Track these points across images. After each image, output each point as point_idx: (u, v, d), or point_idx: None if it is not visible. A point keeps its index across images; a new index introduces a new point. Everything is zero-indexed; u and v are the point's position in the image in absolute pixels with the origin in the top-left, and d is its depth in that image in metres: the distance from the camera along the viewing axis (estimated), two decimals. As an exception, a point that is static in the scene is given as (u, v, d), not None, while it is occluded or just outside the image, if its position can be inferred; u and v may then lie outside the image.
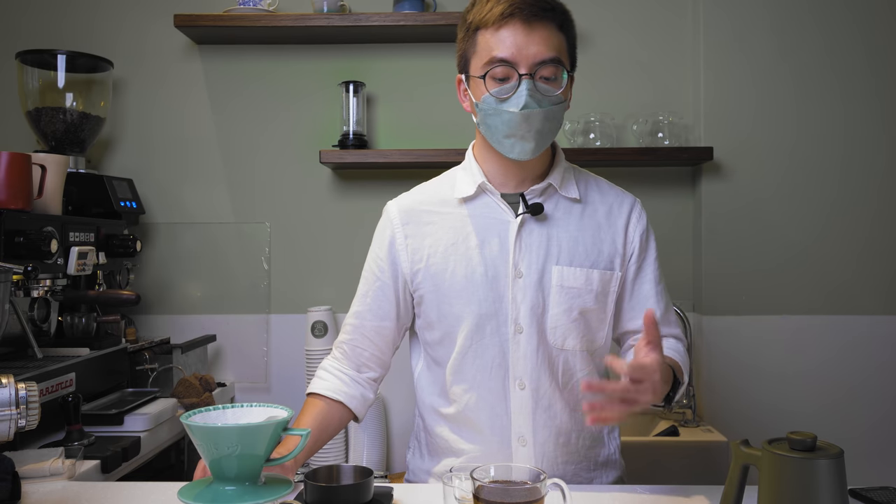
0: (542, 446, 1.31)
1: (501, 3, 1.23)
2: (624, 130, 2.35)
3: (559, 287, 1.30)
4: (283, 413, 1.04)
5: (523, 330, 1.30)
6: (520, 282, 1.30)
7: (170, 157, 2.42)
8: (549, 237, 1.32)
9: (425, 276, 1.34)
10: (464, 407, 1.33)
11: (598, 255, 1.33)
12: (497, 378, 1.31)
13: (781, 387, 2.29)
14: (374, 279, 1.39)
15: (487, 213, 1.34)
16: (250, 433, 0.97)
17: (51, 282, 1.72)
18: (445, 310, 1.33)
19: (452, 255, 1.33)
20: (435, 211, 1.37)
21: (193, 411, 1.02)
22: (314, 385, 1.37)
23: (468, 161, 1.39)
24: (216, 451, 0.96)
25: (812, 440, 0.90)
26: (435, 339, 1.37)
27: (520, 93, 1.22)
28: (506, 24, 1.23)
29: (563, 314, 1.30)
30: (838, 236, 2.30)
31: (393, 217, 1.39)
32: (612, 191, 1.41)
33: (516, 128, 1.24)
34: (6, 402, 1.11)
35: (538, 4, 1.23)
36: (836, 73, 2.29)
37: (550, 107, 1.24)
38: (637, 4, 2.38)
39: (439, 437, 1.38)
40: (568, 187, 1.35)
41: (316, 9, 2.28)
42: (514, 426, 1.31)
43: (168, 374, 2.09)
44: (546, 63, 1.23)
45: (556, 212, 1.34)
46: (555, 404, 1.32)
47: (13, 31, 2.40)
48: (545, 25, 1.24)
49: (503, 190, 1.34)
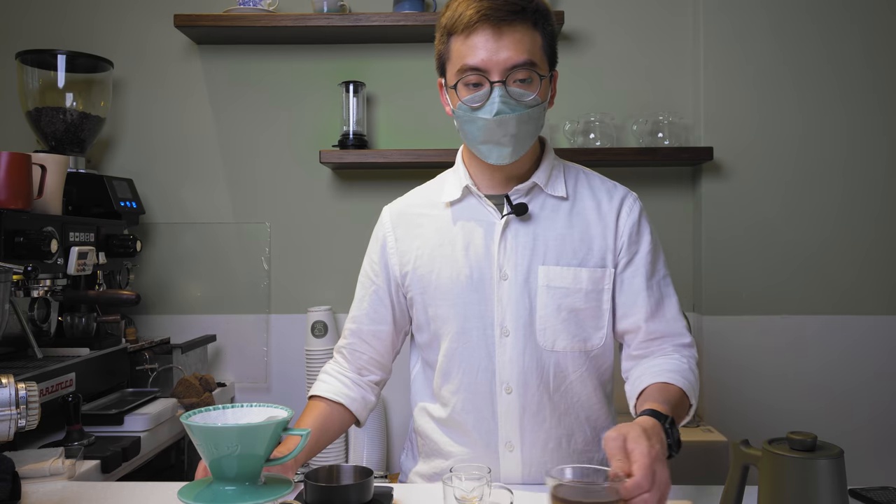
0: (529, 451, 1.30)
1: (471, 8, 1.20)
2: (624, 130, 2.35)
3: (546, 287, 1.28)
4: (283, 413, 1.04)
5: (510, 333, 1.28)
6: (505, 284, 1.29)
7: (170, 157, 2.42)
8: (535, 237, 1.30)
9: (413, 279, 1.35)
10: (452, 409, 1.33)
11: (588, 252, 1.30)
12: (484, 381, 1.30)
13: (781, 387, 2.29)
14: (370, 283, 1.40)
15: (473, 215, 1.33)
16: (250, 433, 0.97)
17: (51, 282, 1.72)
18: (432, 312, 1.33)
19: (438, 257, 1.32)
20: (424, 214, 1.37)
21: (193, 411, 1.02)
22: (316, 388, 1.37)
23: (457, 164, 1.38)
24: (216, 451, 0.96)
25: (812, 440, 0.90)
26: (425, 340, 1.37)
27: (492, 100, 1.20)
28: (475, 31, 1.20)
29: (552, 315, 1.28)
30: (838, 236, 2.30)
31: (385, 221, 1.40)
32: (603, 185, 1.37)
33: (491, 134, 1.23)
34: (6, 402, 1.11)
35: (507, 7, 1.20)
36: (836, 72, 2.29)
37: (525, 110, 1.22)
38: (637, 5, 2.38)
39: (429, 438, 1.38)
40: (554, 185, 1.33)
41: (316, 9, 2.28)
42: (501, 431, 1.30)
43: (168, 374, 2.09)
44: (518, 67, 1.20)
45: (542, 211, 1.32)
46: (544, 409, 1.30)
47: (13, 31, 2.40)
48: (516, 28, 1.21)
49: (490, 191, 1.33)
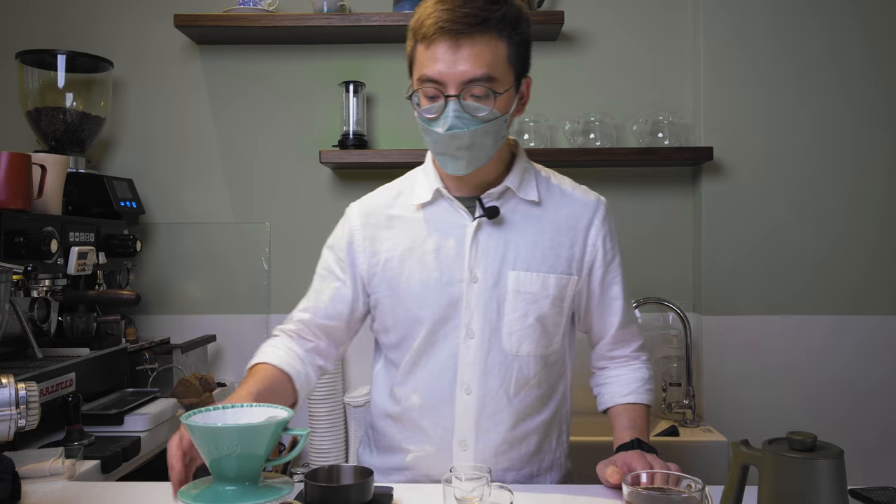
0: (482, 452, 1.31)
1: (431, 17, 1.18)
2: (624, 130, 2.35)
3: (515, 292, 1.29)
4: (283, 413, 1.04)
5: (475, 335, 1.29)
6: (475, 287, 1.29)
7: (170, 157, 2.42)
8: (506, 241, 1.30)
9: (382, 280, 1.34)
10: (410, 407, 1.34)
11: (556, 259, 1.31)
12: (444, 381, 1.31)
13: (781, 387, 2.29)
14: (333, 278, 1.38)
15: (445, 218, 1.32)
16: (250, 433, 0.97)
17: (51, 282, 1.72)
18: (401, 314, 1.33)
19: (409, 259, 1.32)
20: (395, 215, 1.35)
21: (193, 411, 1.02)
22: (262, 355, 1.33)
23: (427, 164, 1.37)
24: (216, 451, 0.96)
25: (812, 440, 0.90)
26: (392, 341, 1.36)
27: (446, 114, 1.19)
28: (434, 41, 1.18)
29: (519, 319, 1.29)
30: (838, 236, 2.30)
31: (353, 219, 1.38)
32: (574, 192, 1.37)
33: (445, 147, 1.22)
34: (6, 402, 1.11)
35: (467, 20, 1.16)
36: (836, 72, 2.29)
37: (480, 125, 1.19)
38: (637, 4, 2.38)
39: (384, 434, 1.39)
40: (527, 189, 1.32)
41: (316, 9, 2.28)
42: (456, 430, 1.31)
43: (168, 374, 2.09)
44: (475, 82, 1.18)
45: (514, 215, 1.32)
46: (501, 412, 1.31)
47: (13, 31, 2.40)
48: (475, 40, 1.17)
49: (460, 194, 1.33)
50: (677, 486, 0.96)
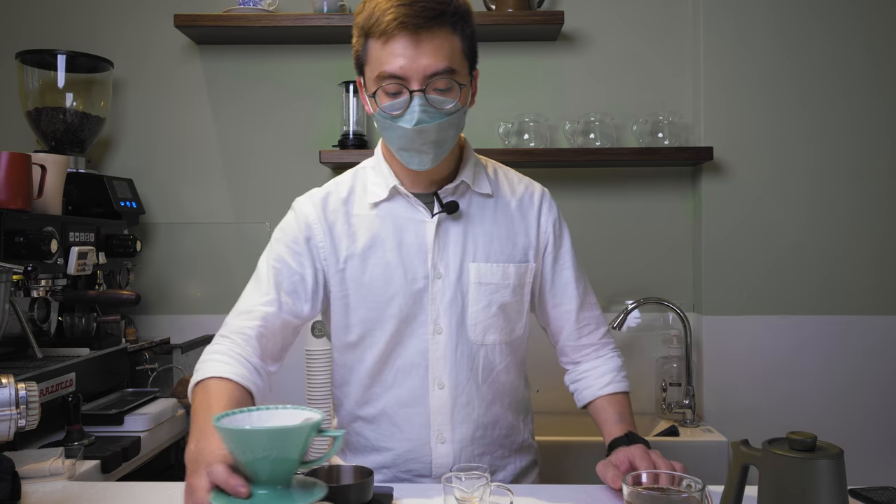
0: (459, 442, 1.32)
1: (388, 14, 1.16)
2: (624, 130, 2.35)
3: (477, 284, 1.31)
4: (315, 415, 1.00)
5: (443, 330, 1.31)
6: (439, 282, 1.30)
7: (170, 157, 2.42)
8: (465, 235, 1.32)
9: (342, 279, 1.32)
10: (384, 408, 1.34)
11: (513, 248, 1.34)
12: (416, 378, 1.32)
13: (781, 387, 2.29)
14: (291, 273, 1.31)
15: (403, 215, 1.32)
16: (285, 436, 0.94)
17: (51, 282, 1.72)
18: (363, 314, 1.32)
19: (370, 257, 1.31)
20: (352, 213, 1.34)
21: (222, 414, 0.98)
22: (217, 368, 1.18)
23: (377, 160, 1.36)
24: (251, 454, 0.93)
25: (812, 440, 0.90)
26: (352, 340, 1.34)
27: (412, 109, 1.18)
28: (393, 37, 1.16)
29: (483, 310, 1.31)
30: (838, 236, 2.29)
31: (308, 213, 1.34)
32: (521, 183, 1.41)
33: (411, 142, 1.22)
34: (6, 402, 1.11)
35: (424, 13, 1.15)
36: (837, 72, 2.29)
37: (445, 118, 1.20)
38: (637, 4, 2.38)
39: (361, 436, 1.38)
40: (480, 183, 1.35)
41: (316, 9, 2.28)
42: (433, 425, 1.32)
43: (168, 374, 2.09)
44: (438, 75, 1.17)
45: (470, 208, 1.33)
46: (472, 400, 1.33)
47: (13, 31, 2.40)
48: (435, 34, 1.17)
49: (416, 190, 1.33)
50: (677, 486, 0.96)
